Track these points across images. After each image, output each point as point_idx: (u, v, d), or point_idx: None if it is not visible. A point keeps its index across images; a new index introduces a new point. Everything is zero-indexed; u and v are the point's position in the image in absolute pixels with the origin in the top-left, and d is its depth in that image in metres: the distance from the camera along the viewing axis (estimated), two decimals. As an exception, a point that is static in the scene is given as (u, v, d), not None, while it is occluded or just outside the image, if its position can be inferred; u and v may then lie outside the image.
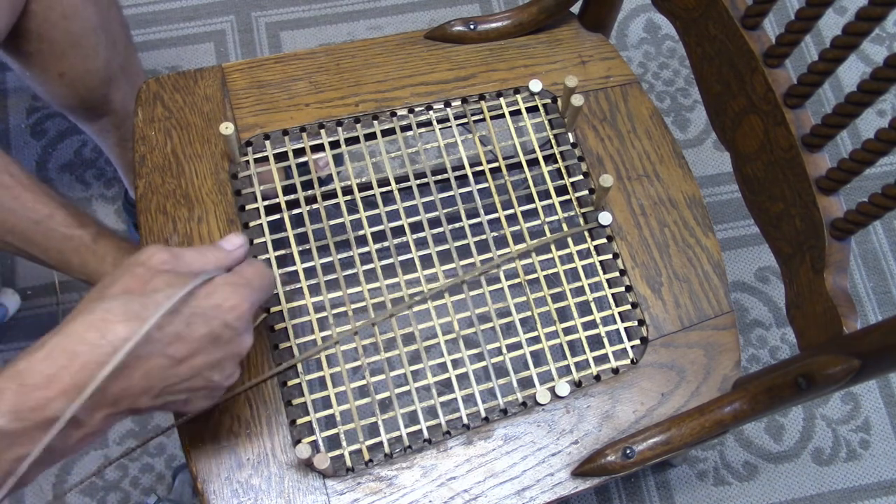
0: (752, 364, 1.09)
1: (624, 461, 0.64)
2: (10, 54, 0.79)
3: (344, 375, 0.67)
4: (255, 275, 0.54)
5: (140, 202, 0.71)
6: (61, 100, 0.85)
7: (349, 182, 0.73)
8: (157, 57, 1.21)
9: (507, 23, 0.79)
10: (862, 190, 1.13)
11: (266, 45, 1.22)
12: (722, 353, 0.69)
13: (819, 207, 0.60)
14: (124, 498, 1.00)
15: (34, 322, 1.06)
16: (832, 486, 1.03)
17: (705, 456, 1.04)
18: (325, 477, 0.63)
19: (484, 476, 0.64)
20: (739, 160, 0.68)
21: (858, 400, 1.07)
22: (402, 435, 0.65)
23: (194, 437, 0.63)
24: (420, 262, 0.70)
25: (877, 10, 0.52)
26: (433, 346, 0.80)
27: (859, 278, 1.13)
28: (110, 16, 0.84)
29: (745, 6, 0.63)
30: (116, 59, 0.85)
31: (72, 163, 1.15)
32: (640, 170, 0.75)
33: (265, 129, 0.73)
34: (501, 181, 0.75)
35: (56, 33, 0.77)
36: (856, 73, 1.24)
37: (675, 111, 1.22)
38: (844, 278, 0.60)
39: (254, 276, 0.53)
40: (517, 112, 0.76)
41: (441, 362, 0.68)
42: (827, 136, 0.59)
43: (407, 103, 0.75)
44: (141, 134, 0.73)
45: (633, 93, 0.78)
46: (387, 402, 0.85)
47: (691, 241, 0.73)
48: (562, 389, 0.67)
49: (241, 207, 0.71)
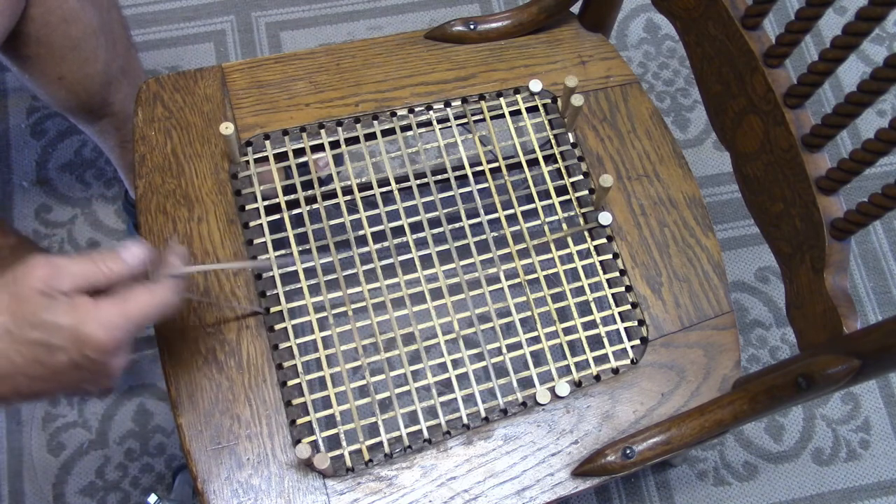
0: (752, 364, 1.09)
1: (624, 461, 0.64)
2: (8, 57, 0.79)
3: (344, 375, 0.67)
4: (140, 307, 0.51)
5: (140, 202, 0.71)
6: (61, 102, 0.85)
7: (349, 182, 0.73)
8: (157, 57, 1.21)
9: (507, 23, 0.79)
10: (862, 190, 1.13)
11: (266, 45, 1.22)
12: (722, 353, 0.69)
13: (819, 207, 0.60)
14: (124, 498, 1.00)
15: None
16: (832, 486, 1.03)
17: (705, 456, 1.04)
18: (325, 477, 0.63)
19: (484, 476, 0.64)
20: (739, 160, 0.68)
21: (858, 400, 1.07)
22: (402, 435, 0.65)
23: (194, 437, 0.63)
24: (420, 262, 0.70)
25: (877, 10, 0.52)
26: (433, 346, 0.80)
27: (859, 278, 1.13)
28: (111, 18, 0.83)
29: (745, 6, 0.63)
30: (116, 61, 0.85)
31: (72, 163, 1.15)
32: (640, 170, 0.75)
33: (265, 129, 0.73)
34: (501, 181, 0.75)
35: (55, 37, 0.76)
36: (856, 73, 1.24)
37: (675, 111, 1.22)
38: (844, 278, 0.60)
39: (136, 309, 0.51)
40: (517, 112, 0.76)
41: (441, 362, 0.68)
42: (827, 136, 0.59)
43: (407, 103, 0.75)
44: (141, 134, 0.73)
45: (633, 93, 0.78)
46: (387, 402, 0.85)
47: (691, 241, 0.73)
48: (562, 389, 0.67)
49: (241, 207, 0.71)
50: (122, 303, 0.51)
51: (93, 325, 0.49)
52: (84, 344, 0.49)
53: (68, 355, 0.50)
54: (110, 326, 0.50)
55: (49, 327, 0.49)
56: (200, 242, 0.69)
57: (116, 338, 0.50)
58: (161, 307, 0.53)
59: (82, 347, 0.50)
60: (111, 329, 0.50)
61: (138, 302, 0.51)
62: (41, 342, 0.49)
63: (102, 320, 0.50)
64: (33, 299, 0.49)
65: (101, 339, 0.50)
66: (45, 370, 0.50)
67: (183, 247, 0.57)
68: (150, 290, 0.53)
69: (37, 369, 0.50)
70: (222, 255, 0.69)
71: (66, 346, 0.49)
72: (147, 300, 0.52)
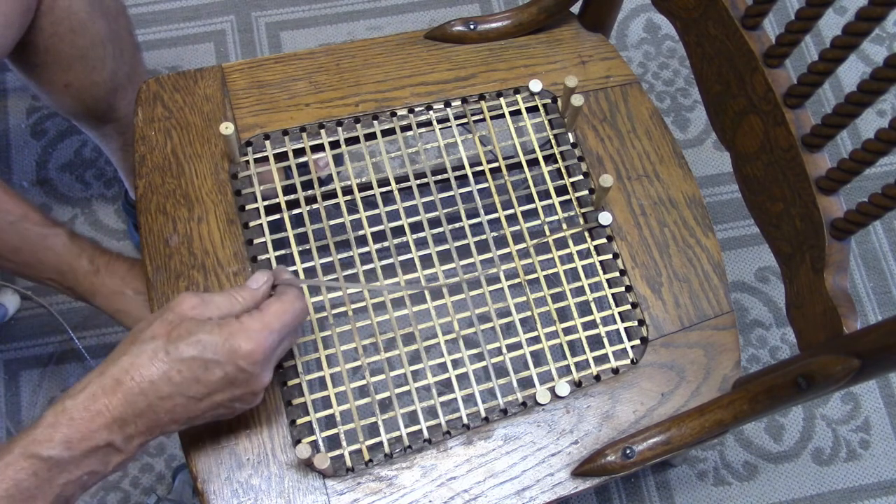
0: (752, 364, 1.09)
1: (624, 461, 0.64)
2: (15, 65, 0.78)
3: (344, 375, 0.67)
4: (276, 315, 0.57)
5: (140, 202, 0.71)
6: (67, 108, 0.84)
7: (349, 182, 0.73)
8: (157, 57, 1.21)
9: (507, 23, 0.79)
10: (862, 190, 1.13)
11: (266, 45, 1.22)
12: (722, 353, 0.69)
13: (819, 207, 0.60)
14: (124, 498, 1.00)
15: (34, 322, 1.06)
16: (832, 486, 1.03)
17: (705, 456, 1.04)
18: (325, 477, 0.63)
19: (484, 476, 0.64)
20: (739, 160, 0.68)
21: (858, 400, 1.07)
22: (402, 435, 0.65)
23: (194, 437, 0.63)
24: (420, 262, 0.70)
25: (877, 10, 0.52)
26: (433, 346, 0.80)
27: (859, 278, 1.13)
28: (119, 26, 0.82)
29: (745, 6, 0.63)
30: (123, 68, 0.84)
31: (72, 163, 1.15)
32: (640, 170, 0.75)
33: (265, 129, 0.73)
34: (501, 181, 0.75)
35: (63, 46, 0.76)
36: (856, 73, 1.24)
37: (675, 111, 1.22)
38: (844, 278, 0.60)
39: (274, 318, 0.57)
40: (517, 112, 0.76)
41: (441, 362, 0.68)
42: (827, 136, 0.59)
43: (407, 103, 0.75)
44: (141, 134, 0.73)
45: (633, 93, 0.78)
46: (387, 402, 0.85)
47: (691, 241, 0.73)
48: (562, 389, 0.67)
49: (241, 207, 0.71)
50: (260, 315, 0.56)
51: (241, 337, 0.55)
52: (235, 354, 0.54)
53: (223, 370, 0.54)
54: (256, 336, 0.55)
55: (203, 343, 0.54)
56: (200, 242, 0.69)
57: (263, 346, 0.55)
58: (292, 313, 0.58)
59: (234, 358, 0.54)
60: (257, 338, 0.55)
61: (273, 311, 0.57)
62: (196, 357, 0.54)
63: (248, 332, 0.55)
64: (185, 323, 0.55)
65: (251, 348, 0.55)
66: (201, 388, 0.54)
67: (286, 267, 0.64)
68: (279, 300, 0.58)
69: (194, 388, 0.54)
70: (222, 255, 0.69)
71: (220, 360, 0.54)
72: (279, 308, 0.57)
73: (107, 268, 0.77)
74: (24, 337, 1.06)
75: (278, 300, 0.58)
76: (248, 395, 0.57)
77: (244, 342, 0.55)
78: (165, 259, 0.69)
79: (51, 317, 1.06)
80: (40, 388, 1.04)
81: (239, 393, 0.56)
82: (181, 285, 0.68)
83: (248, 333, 0.55)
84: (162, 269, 0.68)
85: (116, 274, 0.77)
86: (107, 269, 0.77)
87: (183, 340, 0.54)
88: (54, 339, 1.06)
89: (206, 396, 0.55)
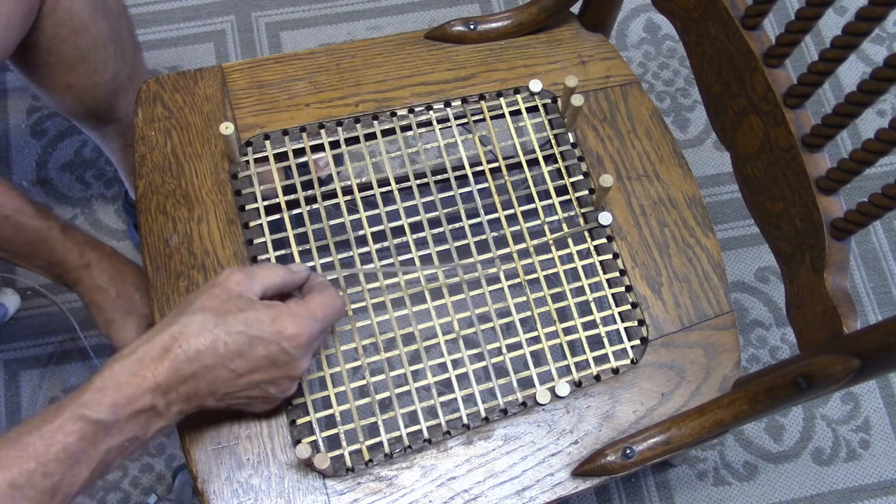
0: (752, 364, 1.09)
1: (624, 461, 0.64)
2: (17, 66, 0.78)
3: (344, 375, 0.67)
4: (320, 306, 0.59)
5: (140, 202, 0.71)
6: (68, 109, 0.84)
7: (349, 182, 0.73)
8: (157, 57, 1.21)
9: (507, 23, 0.79)
10: (862, 190, 1.13)
11: (266, 45, 1.22)
12: (722, 353, 0.69)
13: (819, 207, 0.60)
14: (124, 498, 1.00)
15: (34, 322, 1.06)
16: (832, 486, 1.03)
17: (705, 456, 1.04)
18: (325, 477, 0.63)
19: (484, 476, 0.64)
20: (739, 160, 0.68)
21: (858, 400, 1.07)
22: (402, 435, 0.65)
23: (194, 437, 0.63)
24: (420, 262, 0.70)
25: (877, 10, 0.52)
26: (433, 346, 0.80)
27: (859, 278, 1.13)
28: (120, 27, 0.82)
29: (745, 6, 0.63)
30: (125, 69, 0.84)
31: (72, 163, 1.15)
32: (640, 170, 0.75)
33: (265, 129, 0.73)
34: (501, 181, 0.75)
35: (65, 48, 0.76)
36: (856, 73, 1.24)
37: (675, 111, 1.22)
38: (844, 278, 0.60)
39: (318, 308, 0.59)
40: (517, 112, 0.76)
41: (441, 362, 0.68)
42: (827, 136, 0.59)
43: (407, 103, 0.75)
44: (141, 134, 0.73)
45: (633, 93, 0.78)
46: (387, 402, 0.85)
47: (691, 241, 0.73)
48: (562, 389, 0.67)
49: (241, 207, 0.71)
50: (305, 303, 0.59)
51: (288, 320, 0.57)
52: (280, 335, 0.56)
53: (267, 349, 0.56)
54: (301, 321, 0.57)
55: (250, 320, 0.56)
56: (200, 242, 0.69)
57: (308, 331, 0.58)
58: (333, 307, 0.60)
59: (279, 338, 0.56)
60: (303, 323, 0.57)
61: (317, 301, 0.60)
62: (243, 332, 0.55)
63: (295, 316, 0.57)
64: (234, 300, 0.56)
65: (296, 331, 0.57)
66: (243, 363, 0.56)
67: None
68: (322, 294, 0.61)
69: (236, 361, 0.56)
70: (222, 255, 0.69)
71: (265, 338, 0.56)
72: (322, 300, 0.60)
73: (98, 264, 0.77)
74: (24, 337, 1.06)
75: (321, 294, 0.60)
76: (285, 379, 0.59)
77: (290, 325, 0.57)
78: (165, 259, 0.69)
79: (51, 317, 1.06)
80: (40, 388, 1.04)
81: (278, 375, 0.58)
82: (181, 285, 0.68)
83: (294, 318, 0.57)
84: (162, 268, 0.68)
85: (106, 271, 0.78)
86: (98, 264, 0.77)
87: (231, 315, 0.55)
88: (54, 339, 1.06)
89: (246, 373, 0.56)
